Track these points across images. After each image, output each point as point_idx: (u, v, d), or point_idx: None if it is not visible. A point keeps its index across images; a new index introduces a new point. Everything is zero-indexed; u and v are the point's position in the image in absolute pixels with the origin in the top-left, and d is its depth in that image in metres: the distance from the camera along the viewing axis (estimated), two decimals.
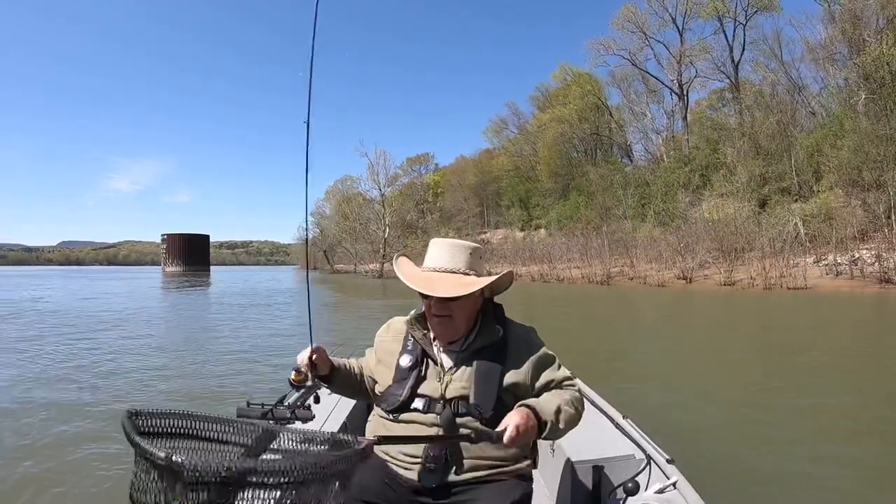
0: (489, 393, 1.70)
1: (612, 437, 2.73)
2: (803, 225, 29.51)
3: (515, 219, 61.70)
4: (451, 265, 1.76)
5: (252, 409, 2.28)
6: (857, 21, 34.70)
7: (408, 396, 1.76)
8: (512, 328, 1.86)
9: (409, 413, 1.75)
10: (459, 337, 1.80)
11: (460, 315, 1.75)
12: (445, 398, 1.72)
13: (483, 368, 1.74)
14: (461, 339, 1.81)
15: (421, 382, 1.78)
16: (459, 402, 1.71)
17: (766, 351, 10.31)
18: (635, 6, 49.79)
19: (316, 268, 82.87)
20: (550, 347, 1.90)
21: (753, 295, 24.63)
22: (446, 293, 1.69)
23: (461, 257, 1.77)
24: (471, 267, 1.78)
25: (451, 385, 1.74)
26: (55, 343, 10.46)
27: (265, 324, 14.88)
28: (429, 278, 1.76)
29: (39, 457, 4.35)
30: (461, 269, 1.76)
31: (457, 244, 1.80)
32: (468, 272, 1.76)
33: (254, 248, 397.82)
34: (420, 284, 1.73)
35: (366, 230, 69.81)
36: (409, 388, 1.77)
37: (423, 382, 1.78)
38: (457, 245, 1.79)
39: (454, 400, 1.72)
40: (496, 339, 1.78)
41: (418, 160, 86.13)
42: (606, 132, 55.22)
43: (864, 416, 5.70)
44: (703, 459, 3.95)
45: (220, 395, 6.40)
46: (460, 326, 1.78)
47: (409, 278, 1.77)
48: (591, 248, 39.66)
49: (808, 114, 38.21)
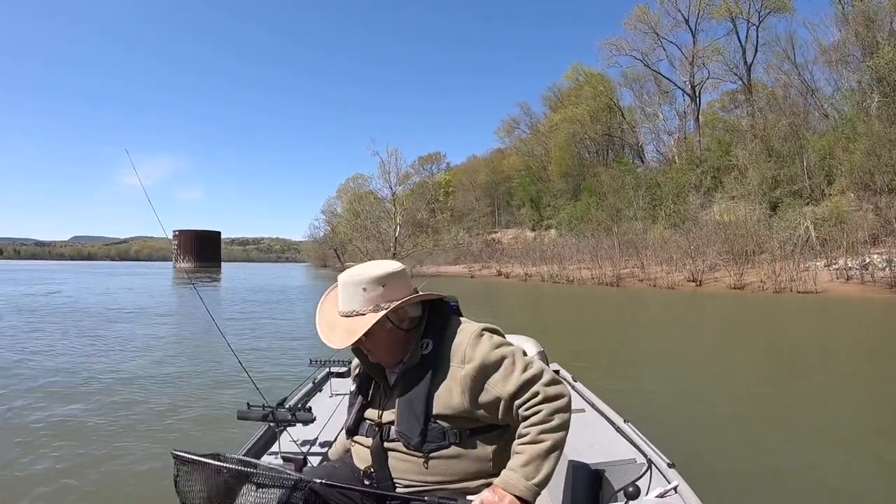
0: (413, 417, 1.60)
1: (614, 441, 2.73)
2: (814, 228, 29.49)
3: (526, 219, 61.95)
4: (346, 308, 1.66)
5: (253, 411, 2.37)
6: (870, 23, 34.64)
7: (353, 421, 1.77)
8: (448, 339, 1.66)
9: (358, 437, 1.75)
10: (394, 362, 1.70)
11: (378, 348, 1.67)
12: (382, 423, 1.69)
13: (405, 391, 1.64)
14: (397, 363, 1.72)
15: (367, 407, 1.77)
16: (391, 427, 1.66)
17: (774, 356, 10.39)
18: (648, 6, 49.96)
19: (326, 265, 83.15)
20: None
21: (763, 298, 24.59)
22: (335, 344, 1.62)
23: (354, 297, 1.64)
24: (368, 304, 1.63)
25: (386, 410, 1.70)
26: (67, 337, 10.76)
27: (275, 322, 15.00)
28: (331, 325, 1.68)
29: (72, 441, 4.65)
30: (355, 310, 1.64)
31: (350, 283, 1.66)
32: (362, 312, 1.63)
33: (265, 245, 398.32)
34: (323, 333, 1.67)
35: (377, 228, 69.95)
36: (355, 413, 1.77)
37: (369, 407, 1.76)
38: (350, 284, 1.66)
39: (387, 425, 1.67)
40: (417, 360, 1.66)
41: (430, 159, 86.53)
42: (618, 133, 55.30)
43: (871, 424, 5.68)
44: (705, 464, 3.95)
45: (222, 395, 6.45)
46: (385, 357, 1.70)
47: (319, 325, 1.72)
48: (601, 250, 39.67)
49: (821, 116, 38.14)
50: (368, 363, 1.75)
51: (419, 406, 1.60)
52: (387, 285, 1.64)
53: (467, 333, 1.65)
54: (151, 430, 5.17)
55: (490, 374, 1.58)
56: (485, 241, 65.88)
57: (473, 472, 1.62)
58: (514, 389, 1.55)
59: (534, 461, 1.50)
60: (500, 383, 1.57)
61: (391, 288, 1.65)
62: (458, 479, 1.61)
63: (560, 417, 1.54)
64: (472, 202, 72.11)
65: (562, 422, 1.54)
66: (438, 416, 1.60)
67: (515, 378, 1.56)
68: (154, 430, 5.19)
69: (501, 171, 67.49)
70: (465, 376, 1.58)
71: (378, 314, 1.61)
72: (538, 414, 1.53)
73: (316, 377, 3.73)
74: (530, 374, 1.56)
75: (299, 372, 4.76)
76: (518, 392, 1.55)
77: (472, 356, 1.59)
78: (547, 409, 1.53)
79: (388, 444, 1.65)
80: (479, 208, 70.71)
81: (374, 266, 1.71)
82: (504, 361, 1.59)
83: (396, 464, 1.64)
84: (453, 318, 1.74)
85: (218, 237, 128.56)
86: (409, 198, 72.52)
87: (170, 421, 5.47)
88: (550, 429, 1.52)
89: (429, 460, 1.59)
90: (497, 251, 59.12)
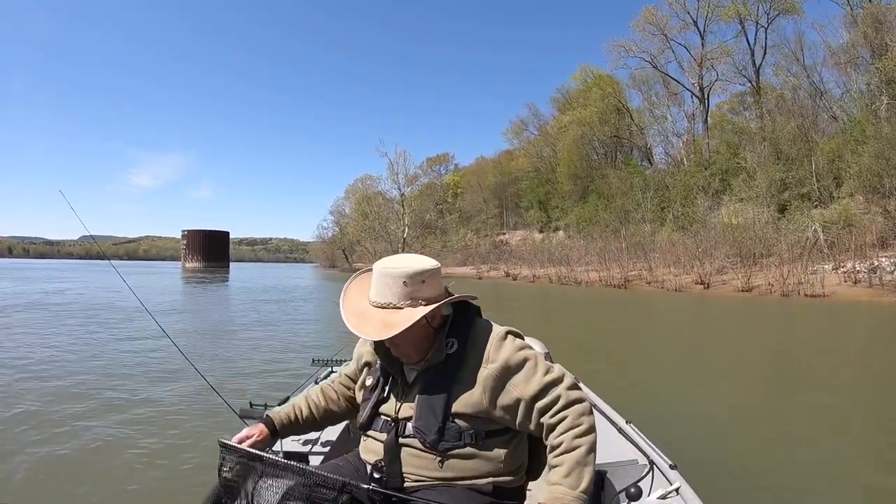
0: (432, 415, 1.61)
1: (616, 442, 2.73)
2: (822, 231, 29.51)
3: (534, 220, 61.91)
4: (381, 299, 1.64)
5: (255, 410, 2.34)
6: (879, 25, 34.53)
7: (368, 416, 1.75)
8: (473, 339, 1.68)
9: (372, 431, 1.75)
10: (419, 359, 1.69)
11: (406, 343, 1.65)
12: (398, 419, 1.69)
13: (426, 389, 1.66)
14: (421, 359, 1.71)
15: (383, 402, 1.75)
16: (407, 424, 1.66)
17: (779, 359, 10.45)
18: (656, 8, 49.91)
19: (335, 266, 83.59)
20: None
21: (770, 301, 24.60)
22: (369, 336, 1.62)
23: (393, 290, 1.62)
24: (405, 298, 1.62)
25: (404, 405, 1.69)
26: (75, 334, 10.87)
27: (282, 322, 15.10)
28: (362, 315, 1.66)
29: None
30: (391, 303, 1.62)
31: (389, 274, 1.63)
32: (399, 306, 1.62)
33: (273, 245, 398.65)
34: (351, 321, 1.65)
35: (385, 229, 70.39)
36: (370, 408, 1.76)
37: (385, 402, 1.75)
38: (389, 275, 1.63)
39: (403, 421, 1.68)
40: (441, 359, 1.66)
41: (438, 160, 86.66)
42: (626, 135, 55.25)
43: (878, 428, 5.67)
44: (707, 466, 3.95)
45: (223, 394, 6.53)
46: (410, 353, 1.68)
47: (346, 312, 1.69)
48: (609, 252, 39.81)
49: (830, 119, 38.03)
50: (388, 358, 1.75)
51: (439, 404, 1.62)
52: (426, 282, 1.65)
53: (492, 335, 1.67)
54: (151, 424, 5.19)
55: (512, 374, 1.60)
56: (493, 243, 65.99)
57: (485, 472, 1.65)
58: (536, 391, 1.58)
59: (575, 469, 1.52)
60: (521, 384, 1.59)
61: (430, 285, 1.66)
62: (469, 478, 1.64)
63: (588, 420, 1.56)
64: (481, 203, 72.18)
65: (590, 425, 1.56)
66: (457, 415, 1.61)
67: (537, 380, 1.59)
68: (154, 425, 5.18)
69: (510, 173, 67.54)
70: (487, 376, 1.60)
71: (417, 309, 1.61)
72: (566, 420, 1.56)
73: (318, 376, 3.68)
74: (552, 377, 1.59)
75: (303, 370, 4.72)
76: (539, 394, 1.58)
77: (496, 357, 1.61)
78: (573, 413, 1.56)
79: (404, 440, 1.66)
80: (487, 209, 70.81)
81: (414, 260, 1.70)
82: (527, 363, 1.61)
83: (410, 459, 1.66)
84: (478, 319, 1.76)
85: (226, 237, 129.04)
86: (417, 199, 72.96)
87: (172, 417, 5.44)
88: (582, 432, 1.54)
89: (444, 459, 1.62)
90: (505, 252, 59.19)
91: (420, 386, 1.67)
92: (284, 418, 1.91)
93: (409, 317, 1.59)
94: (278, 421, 1.89)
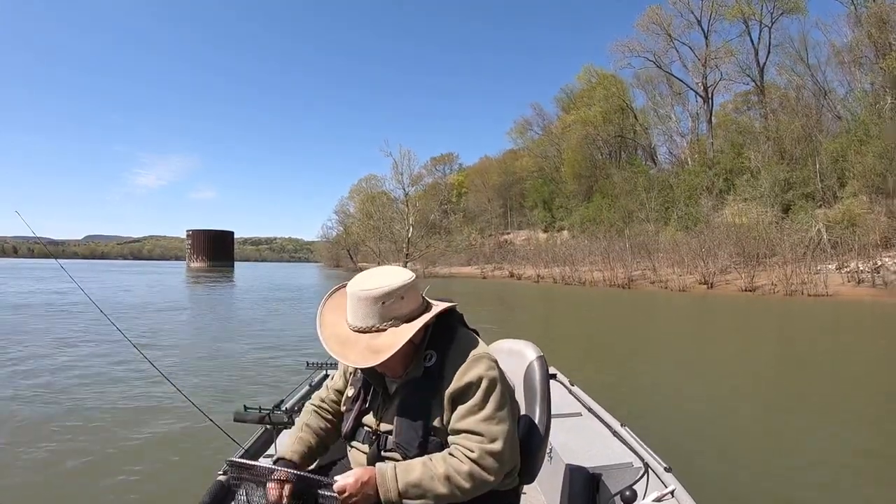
0: (412, 430, 1.57)
1: (611, 445, 2.72)
2: (826, 231, 29.53)
3: (539, 220, 62.14)
4: (361, 323, 1.56)
5: (249, 413, 2.31)
6: (883, 24, 34.49)
7: (351, 427, 1.72)
8: (452, 353, 1.61)
9: (356, 442, 1.71)
10: (403, 371, 1.64)
11: (391, 359, 1.54)
12: (379, 432, 1.66)
13: (405, 403, 1.61)
14: (404, 371, 1.66)
15: (365, 413, 1.72)
16: (388, 437, 1.62)
17: (780, 360, 10.48)
18: (660, 8, 49.93)
19: (339, 265, 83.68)
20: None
21: (774, 301, 24.61)
22: (357, 364, 1.55)
23: (371, 312, 1.55)
24: (386, 318, 1.55)
25: (385, 419, 1.66)
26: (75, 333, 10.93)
27: (285, 322, 15.17)
28: (344, 342, 1.57)
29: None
30: (374, 325, 1.55)
31: (365, 297, 1.55)
32: (382, 328, 1.55)
33: (277, 245, 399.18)
34: (334, 349, 1.57)
35: (389, 229, 70.35)
36: (352, 419, 1.72)
37: (367, 413, 1.72)
38: (364, 298, 1.55)
39: (384, 434, 1.64)
40: (419, 374, 1.61)
41: (442, 160, 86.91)
42: (630, 134, 55.28)
43: (877, 429, 5.64)
44: (702, 468, 3.98)
45: (221, 396, 6.50)
46: (396, 367, 1.61)
47: (327, 339, 1.61)
48: (613, 251, 39.81)
49: (834, 118, 38.06)
50: (371, 370, 1.67)
51: (418, 419, 1.58)
52: (405, 297, 1.58)
53: (472, 353, 1.59)
54: (149, 428, 5.22)
55: (462, 400, 1.54)
56: (497, 243, 66.15)
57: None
58: (461, 429, 1.52)
59: (422, 481, 1.48)
60: (460, 411, 1.54)
61: (408, 299, 1.59)
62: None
63: (472, 484, 1.49)
64: (485, 203, 72.29)
65: (469, 488, 1.49)
66: (436, 429, 1.58)
67: (474, 418, 1.52)
68: (152, 428, 5.21)
69: (514, 173, 67.64)
70: (448, 394, 1.56)
71: (401, 330, 1.55)
72: (462, 464, 1.49)
73: (313, 379, 3.61)
74: (487, 428, 1.51)
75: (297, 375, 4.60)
76: (462, 432, 1.52)
77: (461, 378, 1.55)
78: (470, 468, 1.49)
79: (386, 454, 1.62)
80: (491, 209, 70.86)
81: (387, 276, 1.62)
82: (478, 396, 1.53)
83: None
84: (460, 331, 1.68)
85: (231, 237, 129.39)
86: (421, 199, 72.84)
87: (169, 419, 5.45)
88: (457, 480, 1.48)
89: None
90: (509, 252, 59.39)
91: (400, 399, 1.64)
92: (298, 457, 1.75)
93: (395, 342, 1.52)
94: (299, 459, 1.75)
